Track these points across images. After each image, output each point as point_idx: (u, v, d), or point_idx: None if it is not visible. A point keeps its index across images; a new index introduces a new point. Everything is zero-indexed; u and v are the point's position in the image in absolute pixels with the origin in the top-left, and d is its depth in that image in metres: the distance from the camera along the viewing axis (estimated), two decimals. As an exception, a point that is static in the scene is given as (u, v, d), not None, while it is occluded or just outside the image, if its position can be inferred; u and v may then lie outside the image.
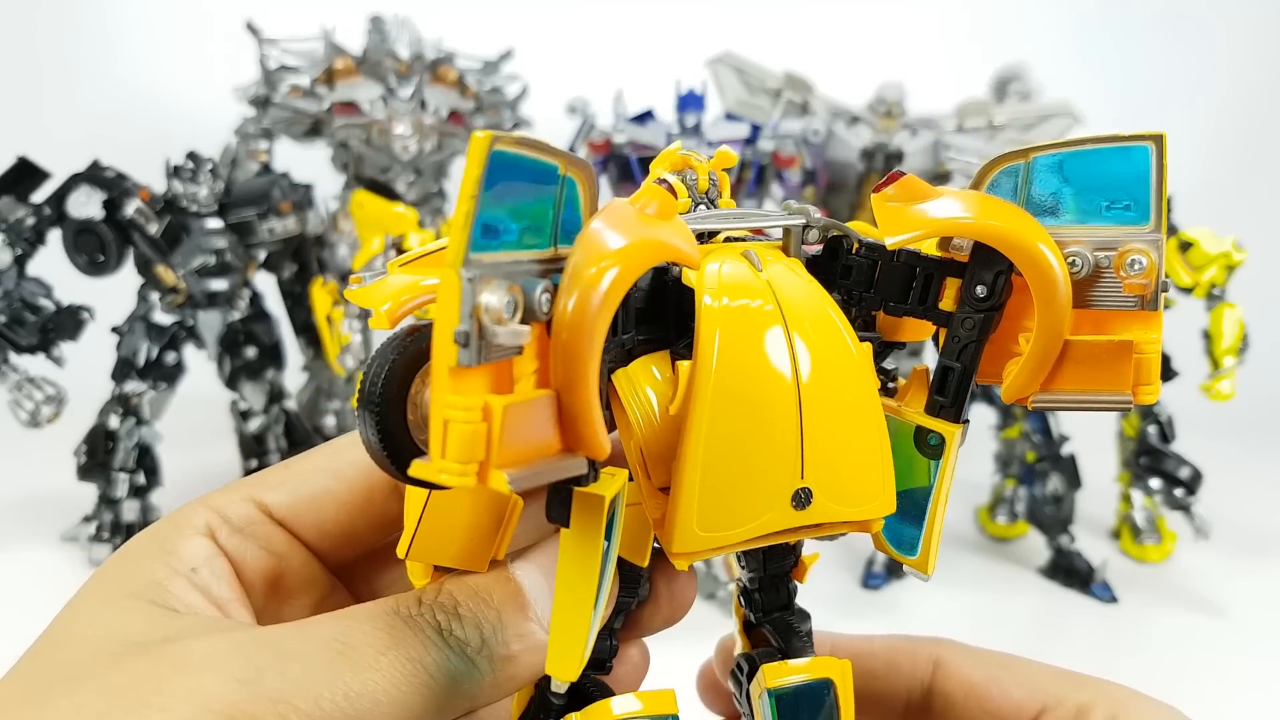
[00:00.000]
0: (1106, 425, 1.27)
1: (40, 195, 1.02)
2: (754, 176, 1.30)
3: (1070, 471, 1.15)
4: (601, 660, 0.37)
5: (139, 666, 0.28)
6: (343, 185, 1.47)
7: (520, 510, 0.32)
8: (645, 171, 0.38)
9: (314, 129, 1.41)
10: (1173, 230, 1.17)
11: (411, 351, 0.27)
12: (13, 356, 0.99)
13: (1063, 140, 0.33)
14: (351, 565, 0.40)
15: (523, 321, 0.25)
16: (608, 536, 0.28)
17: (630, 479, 0.31)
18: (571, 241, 0.26)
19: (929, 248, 0.34)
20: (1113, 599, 1.10)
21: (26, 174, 1.01)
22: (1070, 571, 1.13)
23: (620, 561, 0.33)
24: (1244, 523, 1.29)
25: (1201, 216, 1.20)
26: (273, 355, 1.17)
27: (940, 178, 1.41)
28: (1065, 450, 1.16)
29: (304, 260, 1.25)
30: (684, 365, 0.30)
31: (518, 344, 0.24)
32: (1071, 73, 1.83)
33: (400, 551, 0.32)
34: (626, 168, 1.27)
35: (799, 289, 0.32)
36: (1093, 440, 1.25)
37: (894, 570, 1.14)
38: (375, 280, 0.29)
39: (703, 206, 0.35)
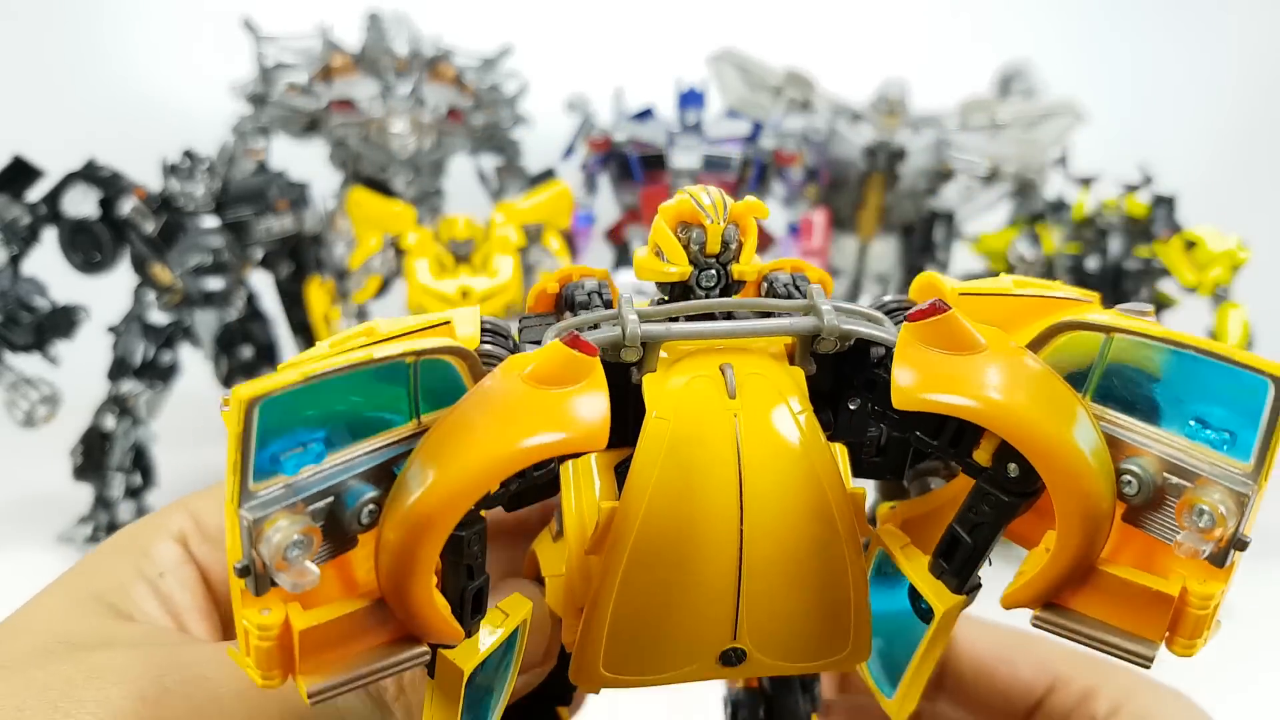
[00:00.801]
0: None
1: (35, 194, 1.02)
2: (755, 175, 1.29)
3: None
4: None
5: (60, 668, 0.30)
6: (340, 183, 1.47)
7: None
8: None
9: (311, 126, 1.40)
10: (1177, 229, 1.17)
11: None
12: (8, 356, 0.99)
13: (1170, 334, 0.26)
14: None
15: (333, 538, 0.24)
16: (476, 689, 0.27)
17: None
18: (438, 408, 0.25)
19: None
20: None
21: (21, 172, 1.01)
22: (1073, 573, 1.12)
23: None
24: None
25: (1207, 215, 1.20)
26: (269, 354, 1.16)
27: (943, 175, 1.41)
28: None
29: (301, 259, 1.24)
30: (606, 507, 0.27)
31: (303, 583, 0.23)
32: (1075, 70, 1.82)
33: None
34: (626, 166, 1.26)
35: (775, 424, 0.27)
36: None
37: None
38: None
39: (711, 272, 0.29)
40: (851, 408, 0.30)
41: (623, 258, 1.35)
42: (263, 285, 1.21)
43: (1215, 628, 0.64)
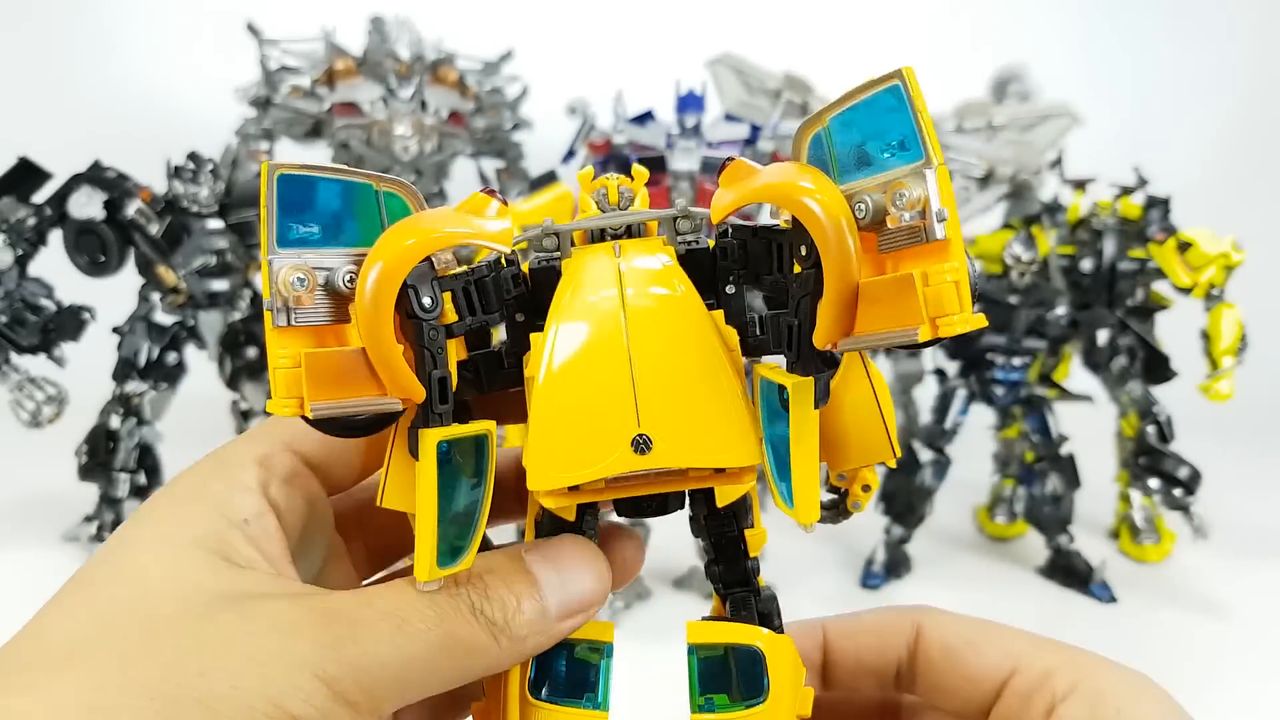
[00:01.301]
0: (1106, 425, 1.27)
1: (41, 196, 1.03)
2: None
3: (1069, 471, 1.15)
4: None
5: (231, 621, 0.31)
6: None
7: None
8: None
9: (315, 130, 1.41)
10: (1172, 230, 1.18)
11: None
12: (14, 357, 0.99)
13: (839, 97, 0.33)
14: (353, 512, 0.44)
15: (335, 297, 0.33)
16: (449, 465, 0.34)
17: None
18: None
19: (786, 221, 0.36)
20: (1112, 599, 1.10)
21: (28, 174, 1.02)
22: (1069, 571, 1.13)
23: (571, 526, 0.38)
24: (1243, 523, 1.30)
25: (1200, 217, 1.21)
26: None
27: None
28: (1064, 450, 1.16)
29: (304, 260, 1.25)
30: (535, 336, 0.36)
31: (303, 311, 0.32)
32: (1070, 73, 1.83)
33: (378, 500, 0.37)
34: (627, 168, 1.28)
35: (649, 265, 0.37)
36: (1092, 440, 1.25)
37: (892, 570, 1.14)
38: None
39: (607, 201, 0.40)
40: (729, 291, 0.38)
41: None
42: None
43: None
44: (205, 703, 0.29)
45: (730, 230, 0.38)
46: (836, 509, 0.42)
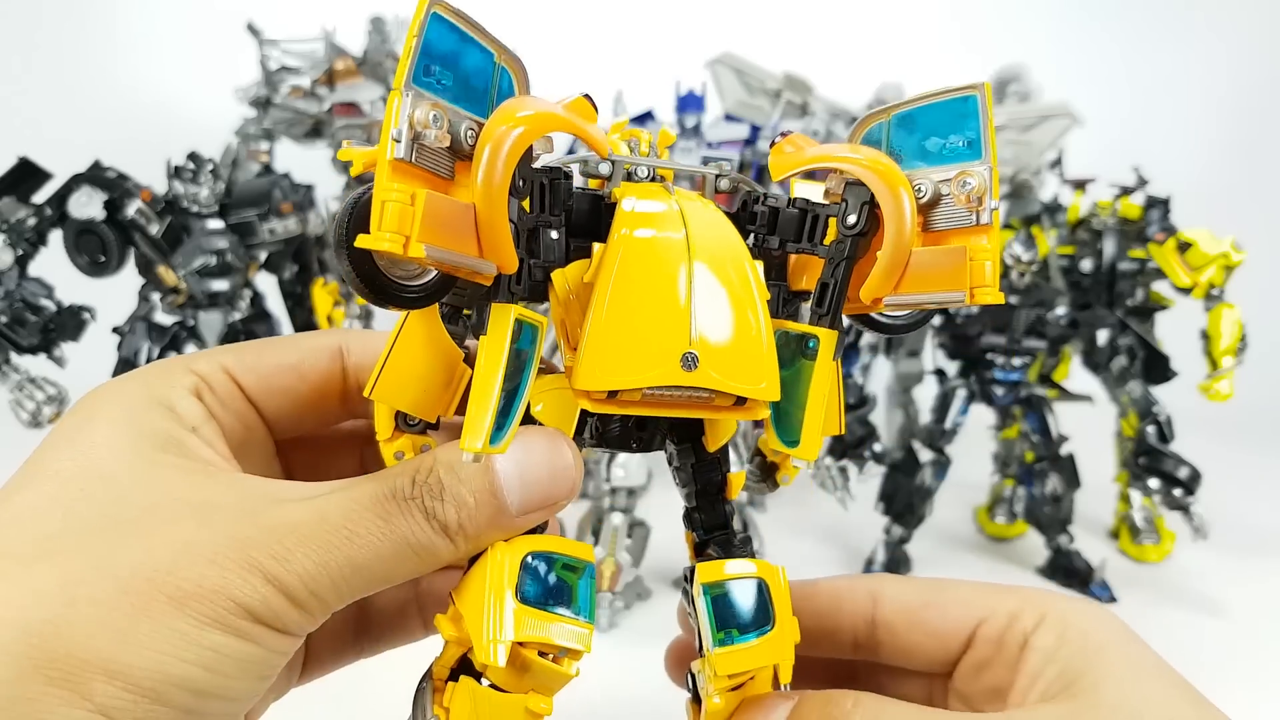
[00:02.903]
0: (1105, 426, 1.27)
1: (42, 196, 1.03)
2: (753, 177, 1.30)
3: (1069, 471, 1.15)
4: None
5: (193, 527, 0.34)
6: (343, 186, 1.48)
7: (468, 379, 0.39)
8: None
9: (315, 130, 1.41)
10: (1171, 231, 1.18)
11: (368, 199, 0.32)
12: (14, 357, 0.99)
13: (913, 98, 0.38)
14: (290, 443, 0.46)
15: (451, 150, 0.33)
16: (518, 343, 0.35)
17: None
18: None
19: (833, 195, 0.41)
20: (1111, 599, 1.10)
21: (28, 174, 1.01)
22: (1069, 571, 1.13)
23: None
24: (1242, 522, 1.30)
25: (1200, 217, 1.21)
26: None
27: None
28: (1064, 450, 1.16)
29: (305, 261, 1.25)
30: (599, 246, 0.38)
31: (442, 148, 0.32)
32: (1070, 74, 1.83)
33: (366, 391, 0.38)
34: (626, 168, 1.28)
35: (703, 210, 0.39)
36: (1091, 440, 1.25)
37: (892, 569, 1.14)
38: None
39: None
40: (773, 247, 0.42)
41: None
42: (268, 286, 1.22)
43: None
44: (174, 598, 0.32)
45: (763, 197, 0.42)
46: (766, 481, 0.45)
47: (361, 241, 0.31)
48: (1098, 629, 0.41)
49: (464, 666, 0.38)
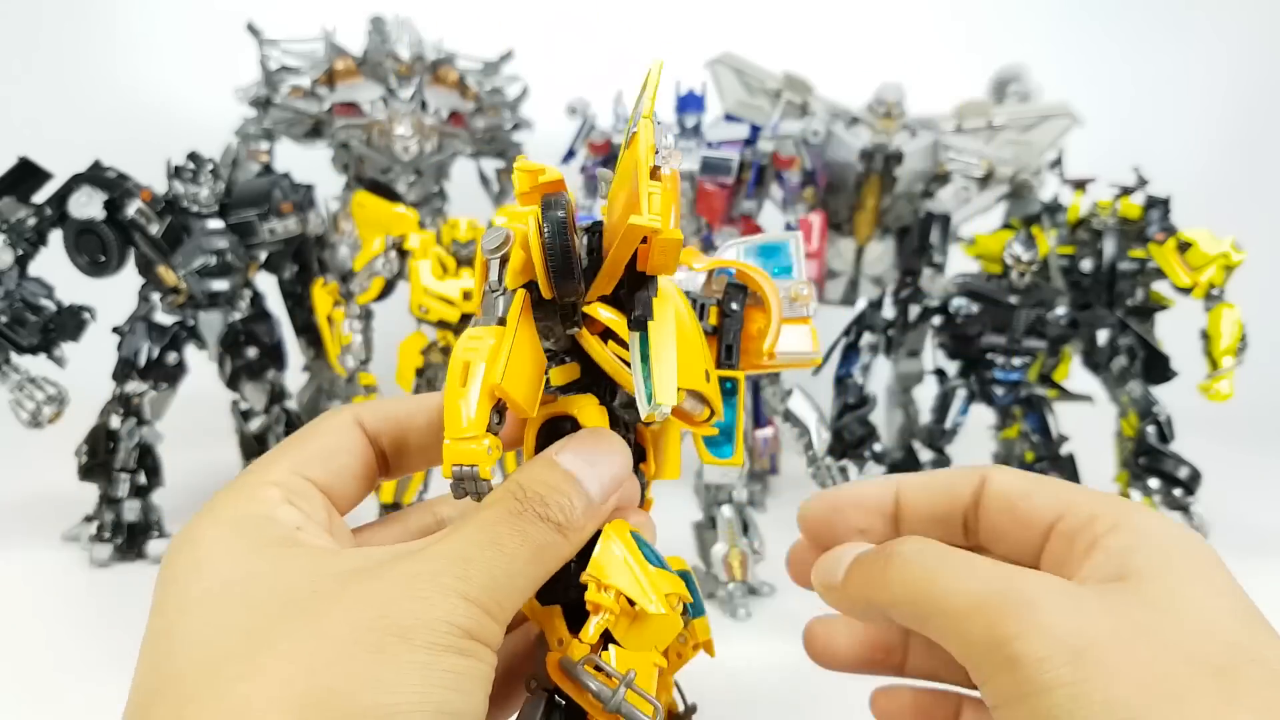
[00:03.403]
0: (1105, 425, 1.27)
1: (42, 196, 1.03)
2: (753, 177, 1.30)
3: (1069, 471, 1.15)
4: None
5: (373, 581, 0.35)
6: (343, 186, 1.48)
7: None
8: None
9: (315, 130, 1.41)
10: (1172, 231, 1.18)
11: (569, 210, 0.40)
12: (14, 357, 0.99)
13: (731, 263, 0.54)
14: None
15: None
16: None
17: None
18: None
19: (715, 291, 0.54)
20: (1111, 598, 1.10)
21: (28, 174, 1.01)
22: (1069, 571, 1.13)
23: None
24: (1243, 522, 1.30)
25: (1200, 217, 1.21)
26: (274, 355, 1.17)
27: (939, 178, 1.42)
28: (1064, 450, 1.16)
29: (305, 261, 1.25)
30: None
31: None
32: (1070, 74, 1.83)
33: (496, 378, 0.40)
34: (626, 168, 1.28)
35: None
36: (1091, 440, 1.25)
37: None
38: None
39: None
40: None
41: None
42: (268, 286, 1.22)
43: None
44: (402, 636, 0.33)
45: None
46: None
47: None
48: (1175, 540, 0.40)
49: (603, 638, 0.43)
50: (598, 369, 0.44)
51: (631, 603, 0.42)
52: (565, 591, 0.44)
